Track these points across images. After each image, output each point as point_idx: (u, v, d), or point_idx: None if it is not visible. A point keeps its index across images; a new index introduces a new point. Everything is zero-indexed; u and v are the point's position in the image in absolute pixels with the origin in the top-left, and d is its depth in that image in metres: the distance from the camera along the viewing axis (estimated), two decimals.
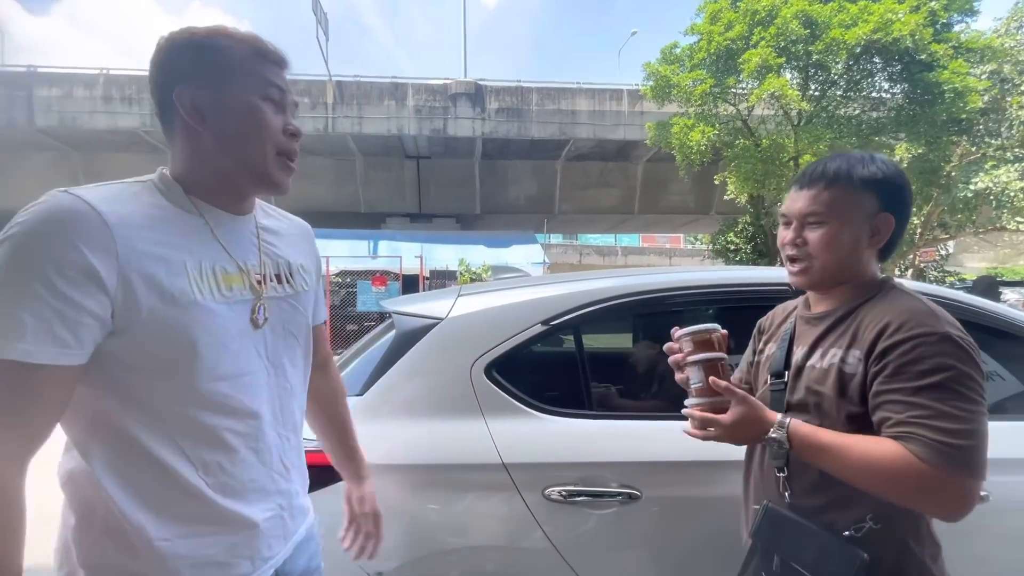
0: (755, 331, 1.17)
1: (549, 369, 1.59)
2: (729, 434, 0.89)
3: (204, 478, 0.72)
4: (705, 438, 0.92)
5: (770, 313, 1.16)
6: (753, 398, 0.90)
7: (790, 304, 1.11)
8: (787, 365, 0.99)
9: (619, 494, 1.28)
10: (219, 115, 0.72)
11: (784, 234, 0.98)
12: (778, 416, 0.88)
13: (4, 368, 0.58)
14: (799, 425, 0.87)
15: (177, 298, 0.67)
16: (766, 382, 1.03)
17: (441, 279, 11.37)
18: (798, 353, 0.97)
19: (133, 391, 0.68)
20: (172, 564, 0.70)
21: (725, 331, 0.95)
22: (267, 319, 0.79)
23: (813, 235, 0.92)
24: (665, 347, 0.98)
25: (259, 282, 0.78)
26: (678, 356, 0.95)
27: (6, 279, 0.60)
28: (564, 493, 1.27)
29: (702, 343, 0.92)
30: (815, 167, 0.95)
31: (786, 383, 0.97)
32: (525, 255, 13.19)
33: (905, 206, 0.93)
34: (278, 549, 0.82)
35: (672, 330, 0.97)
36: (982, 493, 1.29)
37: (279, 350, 0.81)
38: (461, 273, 11.22)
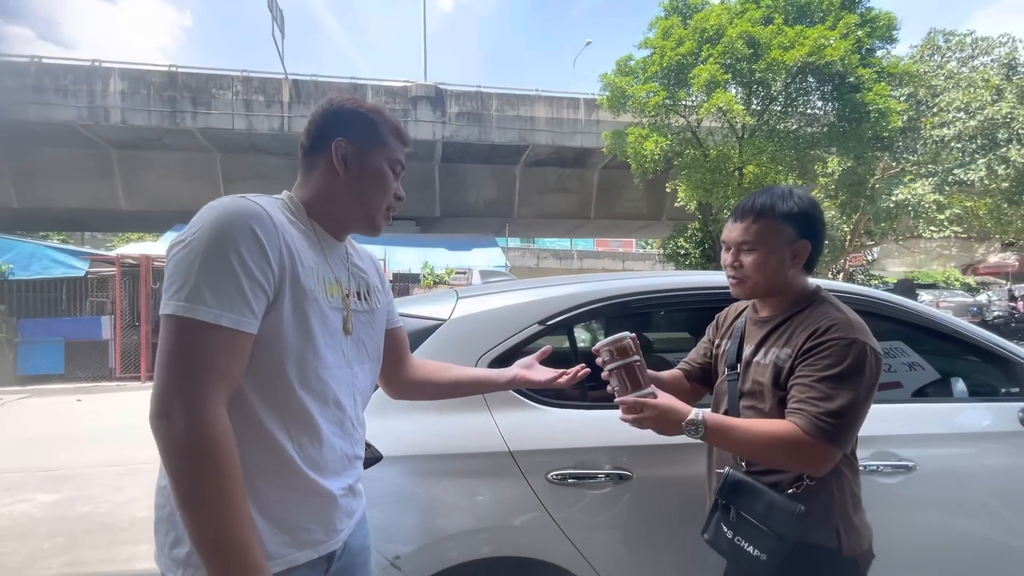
0: (713, 323, 1.41)
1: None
2: (655, 424, 1.06)
3: (297, 452, 0.83)
4: (639, 423, 1.07)
5: (725, 310, 1.39)
6: (660, 400, 1.07)
7: (741, 304, 1.34)
8: (739, 358, 1.22)
9: (613, 475, 1.42)
10: (358, 169, 0.92)
11: (725, 257, 1.21)
12: (693, 409, 1.05)
13: (219, 332, 0.73)
14: (710, 413, 1.07)
15: (306, 293, 0.83)
16: (723, 373, 1.25)
17: (404, 282, 11.31)
18: (747, 350, 1.20)
19: (261, 369, 0.79)
20: (260, 523, 0.80)
21: (633, 335, 1.12)
22: (354, 326, 0.94)
23: (747, 259, 1.15)
24: (597, 361, 1.14)
25: (347, 296, 0.93)
26: (604, 373, 1.11)
27: (212, 261, 0.73)
28: (565, 476, 1.40)
29: (618, 350, 1.09)
30: (745, 203, 1.16)
31: (739, 375, 1.20)
32: (486, 258, 13.29)
33: (819, 232, 1.14)
34: (346, 524, 0.93)
35: (593, 348, 1.13)
36: (909, 464, 1.53)
37: (355, 355, 0.95)
38: (425, 276, 11.20)
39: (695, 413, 1.05)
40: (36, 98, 12.04)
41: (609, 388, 1.13)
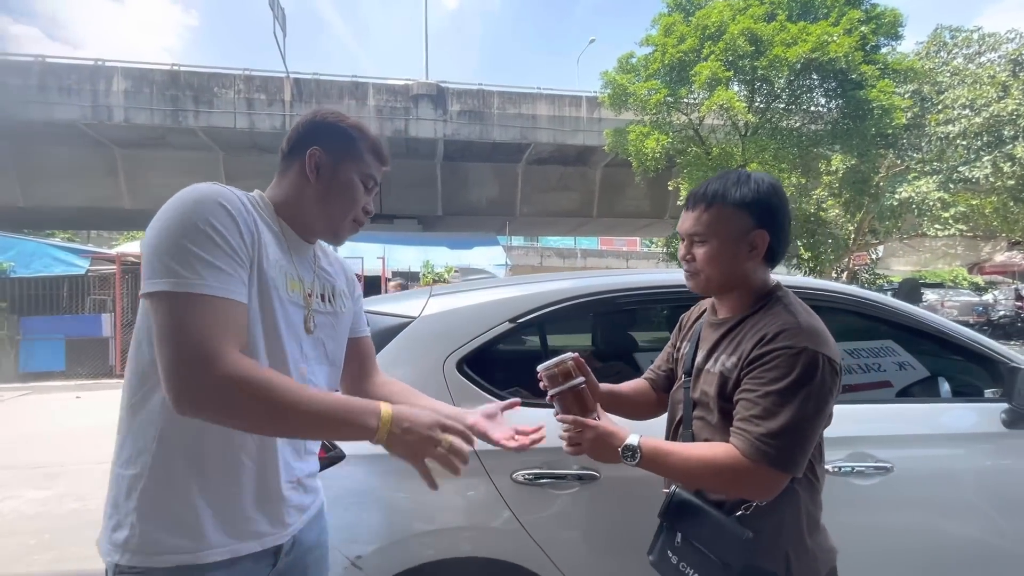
0: (678, 325, 1.32)
1: (516, 363, 1.71)
2: (592, 449, 1.01)
3: (244, 439, 0.84)
4: (574, 449, 1.04)
5: (690, 310, 1.31)
6: (599, 423, 1.02)
7: (705, 303, 1.24)
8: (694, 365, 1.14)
9: (580, 476, 1.39)
10: (328, 178, 0.94)
11: (680, 249, 1.12)
12: (630, 434, 1.00)
13: (214, 303, 0.75)
14: (647, 439, 1.00)
15: (268, 281, 0.85)
16: (681, 379, 1.17)
17: (404, 280, 11.31)
18: (700, 356, 1.12)
19: None
20: (203, 510, 0.82)
21: (576, 354, 1.07)
22: (316, 327, 0.96)
23: (699, 252, 1.05)
24: (540, 386, 1.09)
25: (309, 295, 0.95)
26: (548, 398, 1.05)
27: (191, 236, 0.75)
28: (530, 476, 1.38)
29: (561, 374, 1.04)
30: (698, 189, 1.06)
31: (692, 383, 1.12)
32: (487, 257, 13.29)
33: (777, 221, 1.02)
34: (295, 518, 0.94)
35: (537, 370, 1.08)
36: (887, 464, 1.50)
37: (313, 354, 0.96)
38: (424, 275, 11.20)
39: (632, 438, 0.99)
40: (40, 97, 12.16)
41: (554, 414, 1.08)
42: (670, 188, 13.06)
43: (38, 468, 4.15)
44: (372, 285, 10.11)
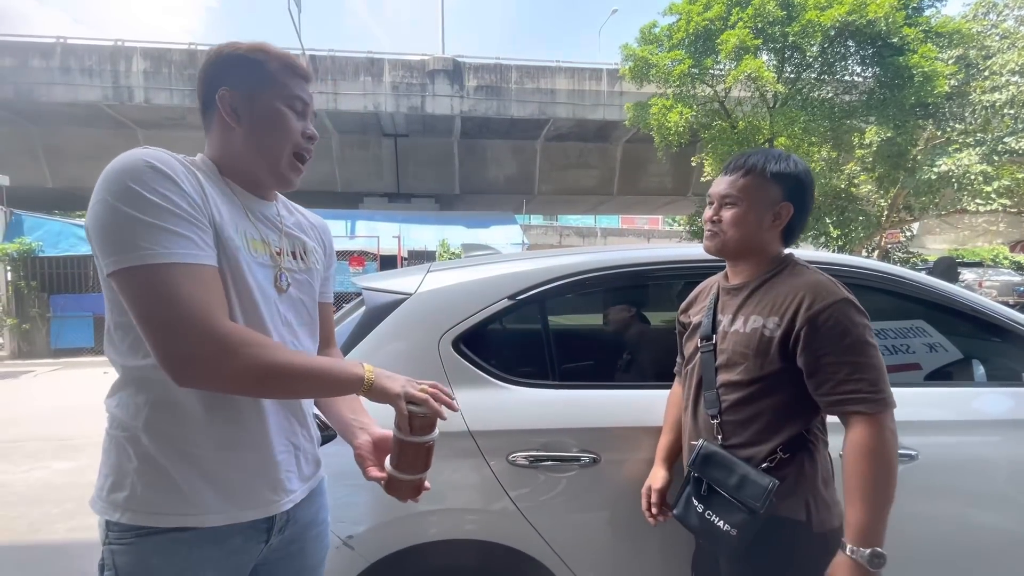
0: (680, 310, 1.34)
1: (515, 342, 1.65)
2: None
3: (235, 405, 0.83)
4: None
5: (695, 291, 1.34)
6: None
7: (711, 281, 1.30)
8: (714, 329, 1.19)
9: (580, 458, 1.34)
10: (251, 116, 0.85)
11: (706, 212, 1.19)
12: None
13: (198, 269, 0.74)
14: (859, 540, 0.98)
15: (228, 244, 0.80)
16: (696, 348, 1.21)
17: (420, 260, 11.33)
18: (724, 320, 1.17)
19: None
20: (203, 475, 0.81)
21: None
22: (289, 285, 0.91)
23: (727, 214, 1.14)
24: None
25: (278, 253, 0.90)
26: (401, 435, 0.87)
27: (133, 205, 0.71)
28: (528, 459, 1.33)
29: (427, 424, 0.87)
30: (739, 158, 1.15)
31: (714, 346, 1.17)
32: (504, 236, 13.20)
33: (804, 199, 1.13)
34: (297, 486, 0.92)
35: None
36: (911, 452, 1.40)
37: (291, 315, 0.92)
38: (440, 254, 11.18)
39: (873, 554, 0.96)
40: (63, 79, 12.34)
41: (391, 465, 0.91)
42: (693, 164, 12.67)
43: (66, 440, 4.32)
44: (388, 264, 10.17)
